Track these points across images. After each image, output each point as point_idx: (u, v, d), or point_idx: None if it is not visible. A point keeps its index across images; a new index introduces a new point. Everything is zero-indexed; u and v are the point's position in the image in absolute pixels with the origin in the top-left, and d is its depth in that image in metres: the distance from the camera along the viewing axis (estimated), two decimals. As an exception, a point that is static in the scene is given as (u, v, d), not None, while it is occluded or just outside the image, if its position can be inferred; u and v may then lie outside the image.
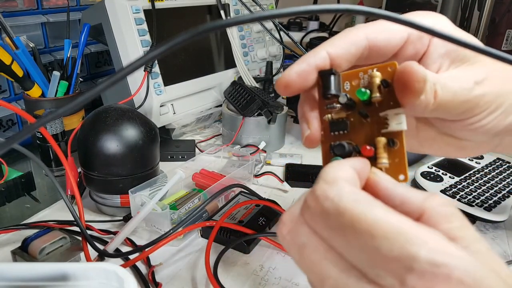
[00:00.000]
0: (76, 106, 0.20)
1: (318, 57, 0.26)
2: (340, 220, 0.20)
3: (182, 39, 0.20)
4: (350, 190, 0.21)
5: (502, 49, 0.90)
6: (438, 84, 0.25)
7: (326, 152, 0.26)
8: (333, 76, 0.25)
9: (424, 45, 0.28)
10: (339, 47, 0.26)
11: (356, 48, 0.27)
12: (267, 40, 0.86)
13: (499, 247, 0.46)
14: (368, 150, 0.24)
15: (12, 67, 0.58)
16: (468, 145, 0.32)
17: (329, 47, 0.26)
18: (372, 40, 0.27)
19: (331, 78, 0.25)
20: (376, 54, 0.28)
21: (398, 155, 0.24)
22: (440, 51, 0.28)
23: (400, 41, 0.27)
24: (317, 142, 0.27)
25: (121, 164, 0.47)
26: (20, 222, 0.48)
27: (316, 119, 0.27)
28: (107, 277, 0.32)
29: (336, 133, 0.26)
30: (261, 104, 0.65)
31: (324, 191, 0.21)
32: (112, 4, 0.62)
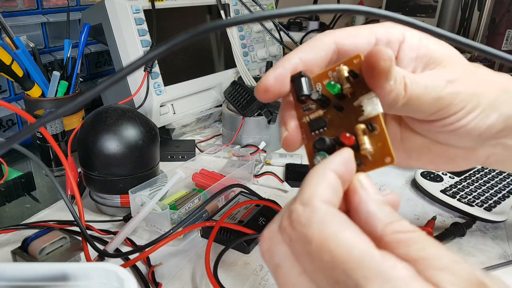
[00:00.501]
0: (76, 106, 0.20)
1: (292, 62, 0.27)
2: (308, 247, 0.20)
3: (182, 39, 0.20)
4: (323, 213, 0.20)
5: (502, 49, 0.90)
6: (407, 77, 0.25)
7: (310, 152, 0.26)
8: (303, 78, 0.26)
9: (394, 51, 0.28)
10: (309, 53, 0.27)
11: (325, 52, 0.27)
12: (267, 40, 0.86)
13: (499, 247, 0.46)
14: (348, 137, 0.24)
15: (12, 67, 0.58)
16: (457, 154, 0.32)
17: (300, 53, 0.27)
18: (339, 44, 0.28)
19: (302, 80, 0.25)
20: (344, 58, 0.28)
21: (380, 139, 0.24)
22: (410, 55, 0.28)
23: (367, 45, 0.28)
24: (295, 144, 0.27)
25: (121, 164, 0.47)
26: (20, 222, 0.48)
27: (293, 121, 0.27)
28: (107, 277, 0.32)
29: (316, 132, 0.26)
30: (261, 104, 0.65)
31: (298, 215, 0.21)
32: (112, 4, 0.62)
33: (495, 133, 0.29)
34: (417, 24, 0.23)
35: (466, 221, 0.49)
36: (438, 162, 0.33)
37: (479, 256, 0.44)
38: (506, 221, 0.50)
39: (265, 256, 0.23)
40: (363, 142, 0.24)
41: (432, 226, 0.48)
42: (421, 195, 0.56)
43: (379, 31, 0.28)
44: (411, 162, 0.34)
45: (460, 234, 0.47)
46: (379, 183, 0.59)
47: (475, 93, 0.28)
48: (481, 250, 0.45)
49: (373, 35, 0.28)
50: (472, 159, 0.32)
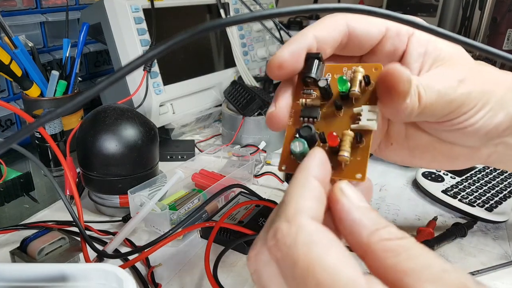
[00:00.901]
0: (75, 106, 0.20)
1: (307, 38, 0.26)
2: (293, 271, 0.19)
3: (181, 38, 0.19)
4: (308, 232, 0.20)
5: (503, 49, 0.90)
6: (421, 86, 0.25)
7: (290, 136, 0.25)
8: (318, 60, 0.25)
9: (403, 43, 0.28)
10: (323, 30, 0.27)
11: (338, 32, 0.27)
12: (267, 39, 0.86)
13: (500, 248, 0.46)
14: (334, 137, 0.24)
15: (11, 66, 0.58)
16: (460, 153, 0.32)
17: (314, 30, 0.27)
18: (351, 28, 0.27)
19: (315, 62, 0.25)
20: (354, 44, 0.28)
21: (361, 154, 0.24)
22: (419, 50, 0.28)
23: (378, 33, 0.28)
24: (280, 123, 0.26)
25: (120, 164, 0.47)
26: (19, 222, 0.48)
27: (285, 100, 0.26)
28: (106, 278, 0.32)
29: (305, 119, 0.25)
30: (261, 103, 0.65)
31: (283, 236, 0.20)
32: (111, 3, 0.62)
33: (501, 131, 0.29)
34: (418, 23, 0.23)
35: (467, 221, 0.49)
36: (441, 160, 0.33)
37: (480, 257, 0.44)
38: (507, 221, 0.50)
39: (253, 277, 0.22)
40: (344, 149, 0.24)
41: (433, 227, 0.47)
42: (422, 195, 0.56)
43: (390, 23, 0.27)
44: (414, 161, 0.33)
45: (461, 235, 0.47)
46: (380, 183, 0.59)
47: (484, 91, 0.28)
48: (482, 251, 0.45)
49: (384, 24, 0.28)
50: (474, 158, 0.32)
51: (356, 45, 0.28)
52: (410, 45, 0.28)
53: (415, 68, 0.28)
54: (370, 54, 0.29)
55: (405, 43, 0.28)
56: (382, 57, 0.29)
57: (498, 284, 0.41)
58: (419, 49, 0.28)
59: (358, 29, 0.27)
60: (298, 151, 0.23)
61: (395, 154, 0.34)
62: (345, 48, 0.28)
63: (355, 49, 0.29)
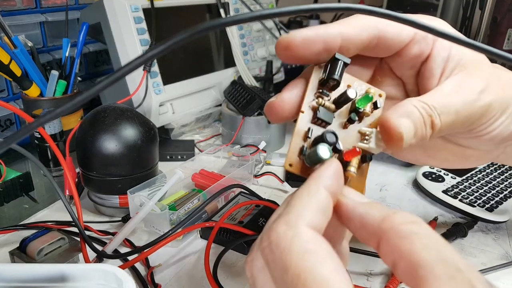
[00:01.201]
0: (75, 106, 0.20)
1: (330, 32, 0.25)
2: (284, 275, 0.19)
3: (181, 38, 0.19)
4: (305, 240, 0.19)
5: (504, 48, 0.90)
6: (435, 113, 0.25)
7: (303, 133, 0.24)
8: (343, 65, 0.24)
9: (429, 46, 0.28)
10: (352, 29, 0.26)
11: (367, 34, 0.26)
12: (267, 39, 0.85)
13: (500, 248, 0.46)
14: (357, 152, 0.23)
15: (10, 66, 0.57)
16: (472, 154, 0.32)
17: (343, 27, 0.25)
18: (382, 30, 0.26)
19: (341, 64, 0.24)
20: (383, 46, 0.27)
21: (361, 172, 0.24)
22: (443, 55, 0.28)
23: (407, 36, 0.27)
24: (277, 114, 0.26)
25: (119, 164, 0.47)
26: (18, 222, 0.48)
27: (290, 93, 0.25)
28: (105, 278, 0.32)
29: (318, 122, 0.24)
30: (261, 103, 0.65)
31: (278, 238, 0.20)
32: (111, 3, 0.62)
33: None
34: (418, 23, 0.23)
35: (468, 221, 0.49)
36: (452, 160, 0.33)
37: (481, 257, 0.44)
38: (508, 221, 0.50)
39: (249, 282, 0.22)
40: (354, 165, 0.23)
41: (433, 227, 0.47)
42: (423, 195, 0.56)
43: None
44: (428, 160, 0.34)
45: (462, 235, 0.47)
46: (380, 183, 0.59)
47: (503, 99, 0.27)
48: (482, 251, 0.45)
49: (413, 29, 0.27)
50: (484, 159, 0.33)
51: (384, 47, 0.28)
52: (435, 49, 0.28)
53: (437, 74, 0.28)
54: (395, 56, 0.29)
55: (431, 47, 0.28)
56: (406, 60, 0.29)
57: (498, 284, 0.40)
58: (443, 53, 0.27)
59: (389, 32, 0.27)
60: (325, 158, 0.22)
61: (409, 153, 0.34)
62: (371, 50, 0.28)
63: (382, 52, 0.28)
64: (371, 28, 0.26)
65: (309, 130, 0.24)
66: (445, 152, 0.32)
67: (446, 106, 0.25)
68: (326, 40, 0.25)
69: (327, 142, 0.23)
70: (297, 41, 0.24)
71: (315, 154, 0.22)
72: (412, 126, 0.24)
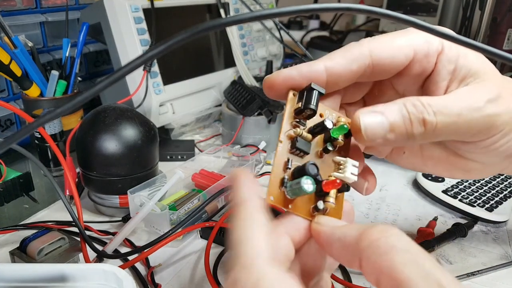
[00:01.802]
0: (75, 106, 0.20)
1: (314, 69, 0.25)
2: None
3: (181, 38, 0.19)
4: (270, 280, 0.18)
5: (504, 49, 0.90)
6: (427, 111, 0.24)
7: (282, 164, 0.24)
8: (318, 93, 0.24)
9: (431, 63, 0.27)
10: (339, 63, 0.25)
11: (358, 65, 0.26)
12: (267, 39, 0.85)
13: (500, 248, 0.46)
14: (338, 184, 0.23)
15: (11, 66, 0.58)
16: (476, 167, 0.31)
17: (328, 62, 0.25)
18: (376, 57, 0.26)
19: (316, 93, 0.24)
20: (380, 71, 0.27)
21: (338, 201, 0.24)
22: (449, 68, 0.27)
23: (405, 59, 0.26)
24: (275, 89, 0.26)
25: (120, 164, 0.47)
26: (19, 222, 0.48)
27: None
28: (106, 278, 0.32)
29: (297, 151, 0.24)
30: (261, 103, 0.65)
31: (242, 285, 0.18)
32: (111, 3, 0.62)
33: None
34: (417, 23, 0.23)
35: (468, 221, 0.49)
36: (453, 172, 0.32)
37: (481, 257, 0.44)
38: (507, 221, 0.50)
39: None
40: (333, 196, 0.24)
41: (433, 227, 0.47)
42: (423, 195, 0.56)
43: (418, 42, 0.26)
44: (426, 169, 0.33)
45: (462, 235, 0.47)
46: (380, 183, 0.59)
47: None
48: (482, 251, 0.45)
49: (412, 48, 0.26)
50: (488, 172, 0.32)
51: (380, 73, 0.27)
52: (439, 63, 0.27)
53: (442, 86, 0.27)
54: (397, 77, 0.28)
55: (433, 63, 0.27)
56: (409, 79, 0.28)
57: (498, 284, 0.41)
58: (449, 66, 0.27)
59: (383, 58, 0.26)
60: (309, 191, 0.22)
61: (408, 161, 0.33)
62: (368, 77, 0.27)
63: (380, 76, 0.28)
64: (363, 57, 0.26)
65: (288, 161, 0.24)
66: (444, 163, 0.31)
67: (447, 107, 0.25)
68: (310, 78, 0.25)
69: (309, 174, 0.23)
70: (279, 80, 0.25)
71: (299, 188, 0.22)
72: (384, 121, 0.24)
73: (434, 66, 0.27)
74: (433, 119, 0.24)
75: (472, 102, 0.25)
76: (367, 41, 0.26)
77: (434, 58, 0.27)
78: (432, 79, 0.27)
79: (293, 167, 0.24)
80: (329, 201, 0.23)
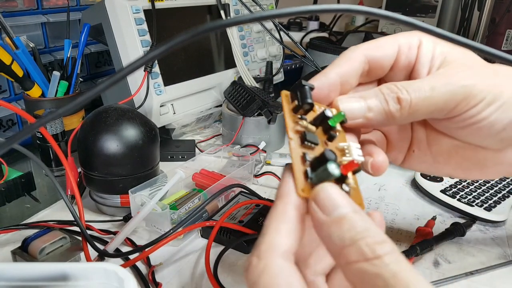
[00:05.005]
0: (76, 106, 0.20)
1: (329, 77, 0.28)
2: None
3: (182, 39, 0.20)
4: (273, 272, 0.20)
5: (502, 49, 0.90)
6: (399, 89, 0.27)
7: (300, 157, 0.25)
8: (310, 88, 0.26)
9: (414, 54, 0.30)
10: (344, 65, 0.29)
11: (358, 63, 0.29)
12: (267, 40, 0.86)
13: (499, 247, 0.46)
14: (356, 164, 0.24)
15: (12, 67, 0.58)
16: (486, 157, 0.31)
17: (336, 68, 0.29)
18: (369, 55, 0.29)
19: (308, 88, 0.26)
20: (375, 68, 0.30)
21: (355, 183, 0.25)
22: (428, 56, 0.30)
23: (393, 52, 0.30)
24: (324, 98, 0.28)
25: (121, 164, 0.47)
26: (20, 222, 0.48)
27: None
28: (107, 277, 0.32)
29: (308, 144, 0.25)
30: (261, 104, 0.65)
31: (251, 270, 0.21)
32: (112, 4, 0.62)
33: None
34: (416, 24, 0.23)
35: (466, 221, 0.49)
36: (467, 166, 0.32)
37: (479, 256, 0.45)
38: (506, 221, 0.50)
39: None
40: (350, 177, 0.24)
41: (432, 226, 0.48)
42: (421, 195, 0.56)
43: (401, 40, 0.30)
44: (440, 167, 0.33)
45: (460, 234, 0.47)
46: (379, 183, 0.59)
47: (494, 84, 0.28)
48: (481, 250, 0.45)
49: (396, 43, 0.30)
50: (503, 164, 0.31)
51: (378, 69, 0.30)
52: (420, 53, 0.30)
53: (423, 73, 0.30)
54: (389, 75, 0.31)
55: (416, 53, 0.30)
56: (398, 71, 0.31)
57: (497, 283, 0.41)
58: (428, 55, 0.30)
59: (376, 56, 0.30)
60: (336, 174, 0.23)
61: (419, 161, 0.34)
62: (366, 76, 0.30)
63: (378, 73, 0.31)
64: (359, 56, 0.29)
65: (304, 155, 0.25)
66: (456, 157, 0.32)
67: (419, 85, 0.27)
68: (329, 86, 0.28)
69: (331, 159, 0.24)
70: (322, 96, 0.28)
71: (327, 173, 0.23)
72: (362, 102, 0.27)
73: (416, 57, 0.30)
74: (406, 96, 0.27)
75: (446, 77, 0.28)
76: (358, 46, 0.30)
77: (416, 50, 0.30)
78: (416, 70, 0.30)
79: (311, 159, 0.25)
80: (350, 183, 0.24)
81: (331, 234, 0.20)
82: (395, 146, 0.34)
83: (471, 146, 0.31)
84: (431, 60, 0.29)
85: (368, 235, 0.19)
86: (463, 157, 0.32)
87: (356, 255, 0.19)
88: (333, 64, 0.29)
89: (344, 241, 0.20)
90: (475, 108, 0.28)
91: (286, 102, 0.26)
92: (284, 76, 0.90)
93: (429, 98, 0.27)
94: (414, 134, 0.33)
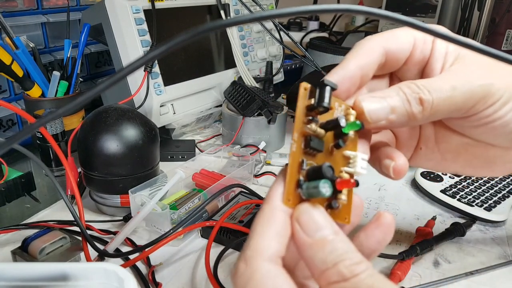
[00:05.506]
0: (76, 106, 0.20)
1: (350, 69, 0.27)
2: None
3: (182, 39, 0.20)
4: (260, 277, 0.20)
5: (502, 49, 0.90)
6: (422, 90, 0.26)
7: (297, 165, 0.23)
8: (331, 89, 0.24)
9: (429, 49, 0.29)
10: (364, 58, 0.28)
11: (377, 54, 0.28)
12: (267, 40, 0.86)
13: (499, 247, 0.46)
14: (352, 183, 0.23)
15: (12, 67, 0.58)
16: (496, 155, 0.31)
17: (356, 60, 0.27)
18: (386, 47, 0.28)
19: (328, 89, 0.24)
20: (391, 60, 0.29)
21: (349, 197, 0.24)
22: (441, 51, 0.29)
23: (409, 45, 0.29)
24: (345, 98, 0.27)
25: (121, 164, 0.47)
26: (20, 222, 0.48)
27: None
28: (107, 277, 0.32)
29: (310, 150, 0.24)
30: (261, 104, 0.65)
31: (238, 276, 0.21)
32: (112, 4, 0.62)
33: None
34: (416, 24, 0.23)
35: (466, 221, 0.49)
36: (476, 164, 0.32)
37: (479, 256, 0.45)
38: (506, 221, 0.50)
39: None
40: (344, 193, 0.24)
41: (432, 226, 0.48)
42: (421, 195, 0.56)
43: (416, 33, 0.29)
44: (447, 164, 0.33)
45: (460, 234, 0.47)
46: (379, 183, 0.59)
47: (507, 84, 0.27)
48: (481, 250, 0.45)
49: (412, 35, 0.29)
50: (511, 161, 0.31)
51: (393, 62, 0.29)
52: (434, 48, 0.29)
53: (437, 68, 0.29)
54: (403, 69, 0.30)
55: (431, 48, 0.29)
56: (412, 66, 0.30)
57: (497, 283, 0.41)
58: (441, 50, 0.29)
59: (392, 48, 0.28)
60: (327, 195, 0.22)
61: (426, 159, 0.33)
62: (381, 69, 0.29)
63: (392, 66, 0.30)
64: (377, 47, 0.28)
65: (302, 162, 0.23)
66: (464, 155, 0.31)
67: (440, 84, 0.26)
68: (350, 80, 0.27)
69: (327, 177, 0.23)
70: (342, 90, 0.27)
71: (317, 192, 0.22)
72: (385, 103, 0.25)
73: (430, 52, 0.29)
74: (429, 97, 0.26)
75: (463, 75, 0.27)
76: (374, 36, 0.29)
77: (431, 44, 0.29)
78: (429, 65, 0.29)
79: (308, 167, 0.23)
80: (341, 198, 0.23)
81: (313, 256, 0.21)
82: (404, 144, 0.33)
83: (482, 144, 0.31)
84: (445, 56, 0.29)
85: (348, 257, 0.20)
86: (472, 155, 0.31)
87: (336, 276, 0.20)
88: (350, 55, 0.28)
89: (326, 264, 0.20)
90: (492, 107, 0.27)
91: (303, 97, 0.24)
92: (284, 76, 0.90)
93: (450, 98, 0.26)
94: (422, 132, 0.33)
